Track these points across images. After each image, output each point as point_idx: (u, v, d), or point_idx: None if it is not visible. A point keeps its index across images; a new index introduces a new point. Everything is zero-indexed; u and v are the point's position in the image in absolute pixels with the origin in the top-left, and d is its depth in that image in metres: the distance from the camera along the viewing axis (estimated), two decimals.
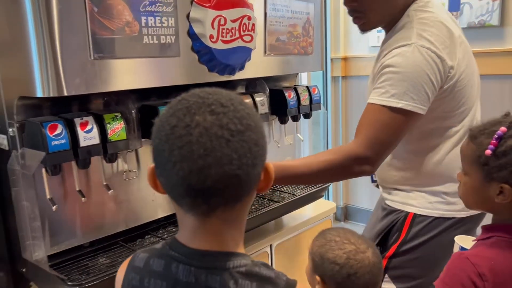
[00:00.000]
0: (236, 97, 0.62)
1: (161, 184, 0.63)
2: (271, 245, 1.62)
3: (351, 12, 1.21)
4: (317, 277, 0.97)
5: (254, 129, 0.60)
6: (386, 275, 1.24)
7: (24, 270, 1.19)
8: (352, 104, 3.46)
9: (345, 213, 3.77)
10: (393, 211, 1.26)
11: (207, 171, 0.56)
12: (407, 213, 1.22)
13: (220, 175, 0.57)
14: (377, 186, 1.40)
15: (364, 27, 1.22)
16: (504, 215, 0.89)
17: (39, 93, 0.97)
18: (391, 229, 1.24)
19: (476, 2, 2.62)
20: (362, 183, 3.58)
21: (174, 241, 0.67)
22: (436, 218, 1.18)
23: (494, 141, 0.84)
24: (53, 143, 0.99)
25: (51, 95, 0.96)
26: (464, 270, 0.84)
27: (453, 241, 1.07)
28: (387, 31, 1.22)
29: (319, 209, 1.82)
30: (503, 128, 0.84)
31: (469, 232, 1.20)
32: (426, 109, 1.09)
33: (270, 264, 1.62)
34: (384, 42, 1.20)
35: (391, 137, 1.09)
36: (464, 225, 1.19)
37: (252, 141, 0.59)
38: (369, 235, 1.31)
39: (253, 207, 1.55)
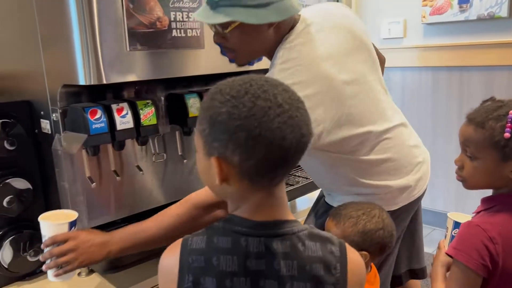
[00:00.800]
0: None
1: (240, 167, 0.65)
2: None
3: (223, 47, 1.13)
4: (364, 252, 1.05)
5: None
6: None
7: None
8: None
9: None
10: (331, 208, 1.24)
11: (304, 138, 0.66)
12: None
13: (308, 139, 0.67)
14: None
15: (237, 62, 1.16)
16: (508, 188, 0.97)
17: (82, 81, 1.09)
18: None
19: None
20: None
21: (236, 217, 0.70)
22: None
23: (509, 124, 0.91)
24: (94, 126, 1.11)
25: (92, 83, 1.08)
26: (476, 236, 0.92)
27: None
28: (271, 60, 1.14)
29: None
30: None
31: (404, 221, 1.27)
32: None
33: None
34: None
35: None
36: (398, 217, 1.23)
37: None
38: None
39: None
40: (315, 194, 1.83)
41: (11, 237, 1.27)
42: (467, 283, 0.92)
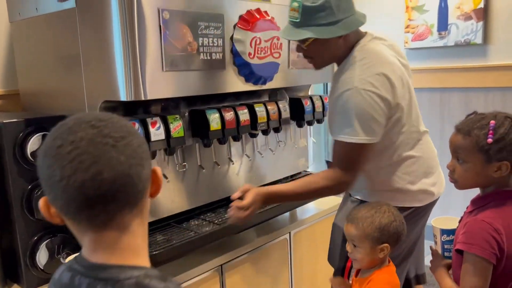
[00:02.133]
0: (112, 114, 0.68)
1: (57, 208, 0.65)
2: (289, 233, 1.88)
3: (303, 56, 1.43)
4: (385, 244, 1.21)
5: (135, 134, 0.67)
6: None
7: None
8: None
9: None
10: (362, 202, 1.46)
11: (100, 176, 0.61)
12: None
13: (113, 177, 0.62)
14: None
15: (315, 67, 1.47)
16: (494, 186, 1.14)
17: (123, 98, 1.24)
18: None
19: (462, 22, 2.94)
20: None
21: (79, 255, 0.70)
22: (399, 208, 1.36)
23: (491, 131, 1.08)
24: None
25: (133, 99, 1.23)
26: (483, 229, 1.08)
27: (413, 225, 1.38)
28: (338, 65, 1.45)
29: (330, 203, 2.08)
30: (492, 122, 1.10)
31: (424, 217, 1.48)
32: (375, 138, 1.33)
33: (289, 249, 1.87)
34: (334, 76, 1.44)
35: (353, 163, 1.37)
36: (420, 213, 1.45)
37: (135, 144, 0.65)
38: (342, 224, 1.54)
39: None
40: (315, 204, 1.99)
41: (47, 240, 1.39)
42: (481, 272, 1.07)
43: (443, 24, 3.01)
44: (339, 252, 1.56)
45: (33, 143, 1.33)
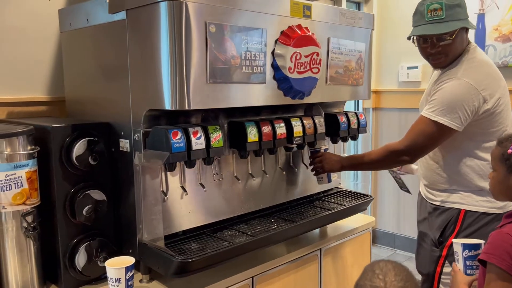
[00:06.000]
0: None
1: None
2: (320, 249, 1.87)
3: (434, 54, 1.62)
4: None
5: None
6: (447, 261, 1.60)
7: (130, 251, 1.46)
8: (382, 133, 3.73)
9: (373, 237, 3.97)
10: (447, 209, 1.64)
11: None
12: (460, 210, 1.61)
13: None
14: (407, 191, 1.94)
15: (439, 65, 1.65)
16: None
17: (168, 106, 1.27)
18: (448, 223, 1.61)
19: (500, 44, 2.90)
20: (388, 208, 3.79)
21: None
22: (482, 213, 1.57)
23: None
24: (175, 145, 1.28)
25: (178, 108, 1.26)
26: (506, 241, 1.10)
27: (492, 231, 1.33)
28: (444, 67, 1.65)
29: (361, 222, 2.06)
30: None
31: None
32: (455, 125, 1.51)
33: (319, 265, 1.86)
34: (443, 72, 1.63)
35: (422, 140, 1.58)
36: (500, 220, 1.48)
37: None
38: (431, 230, 1.68)
39: (311, 212, 1.81)
40: (346, 222, 1.97)
41: (86, 243, 1.42)
42: (502, 284, 1.07)
43: (480, 45, 2.97)
44: (428, 258, 1.68)
45: (78, 148, 1.38)
